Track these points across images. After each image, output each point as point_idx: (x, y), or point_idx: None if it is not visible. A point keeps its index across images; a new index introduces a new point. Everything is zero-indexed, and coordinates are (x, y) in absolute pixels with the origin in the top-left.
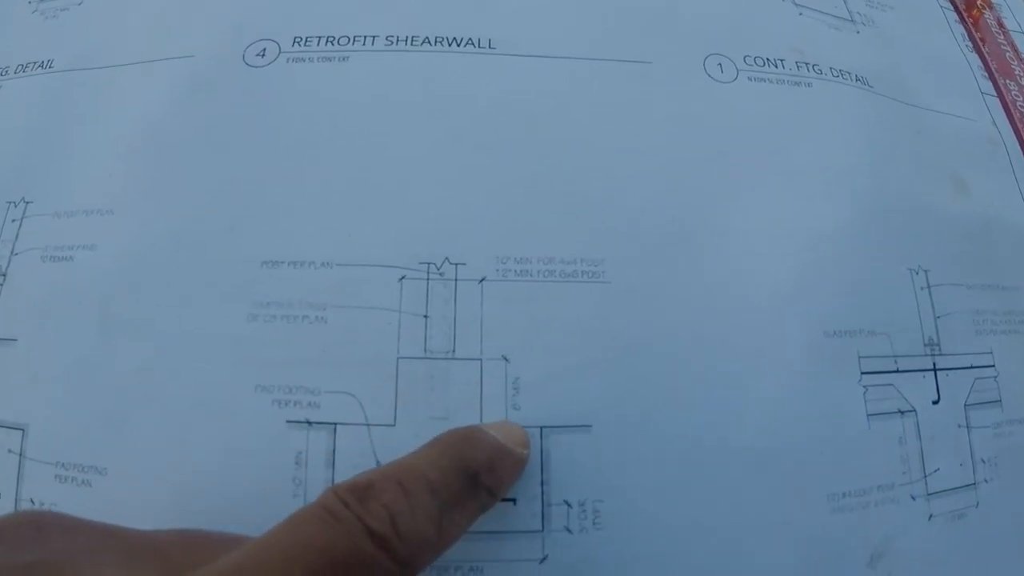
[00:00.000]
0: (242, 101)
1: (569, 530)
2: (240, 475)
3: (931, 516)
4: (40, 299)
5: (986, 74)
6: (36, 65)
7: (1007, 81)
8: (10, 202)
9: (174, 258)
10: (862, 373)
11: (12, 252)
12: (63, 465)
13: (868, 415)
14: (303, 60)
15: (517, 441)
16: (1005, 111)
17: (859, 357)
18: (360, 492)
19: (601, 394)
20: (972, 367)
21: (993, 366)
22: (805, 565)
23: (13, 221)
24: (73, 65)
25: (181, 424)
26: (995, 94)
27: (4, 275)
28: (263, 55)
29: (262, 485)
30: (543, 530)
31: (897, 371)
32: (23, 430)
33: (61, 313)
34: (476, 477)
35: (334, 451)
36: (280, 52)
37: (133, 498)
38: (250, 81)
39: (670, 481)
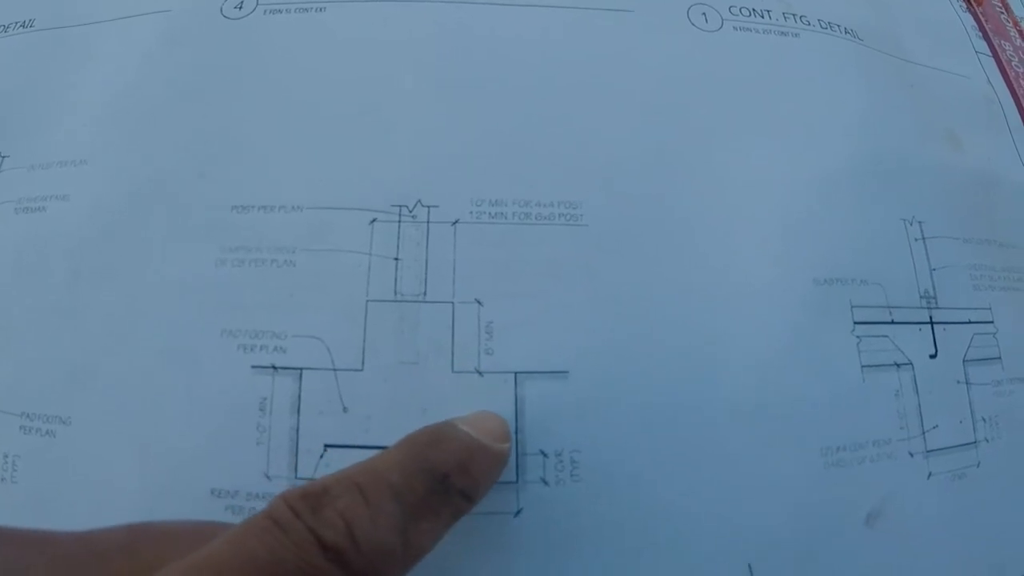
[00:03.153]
0: (218, 53)
1: (545, 482)
2: (204, 422)
3: (930, 475)
4: (12, 250)
5: (980, 33)
6: (18, 25)
7: (1001, 41)
8: None
9: (144, 205)
10: (855, 323)
11: None
12: (28, 416)
13: (862, 367)
14: (280, 11)
15: (494, 435)
16: (1000, 71)
17: (851, 307)
18: (313, 499)
19: (579, 340)
20: (970, 322)
21: (992, 322)
22: (798, 524)
23: None
24: (53, 23)
25: (146, 371)
26: (990, 54)
27: None
28: (240, 7)
29: (226, 432)
30: (517, 481)
31: (892, 322)
32: None
33: (32, 263)
34: (446, 479)
35: (300, 397)
36: (257, 4)
37: (97, 447)
38: (227, 33)
39: (652, 433)
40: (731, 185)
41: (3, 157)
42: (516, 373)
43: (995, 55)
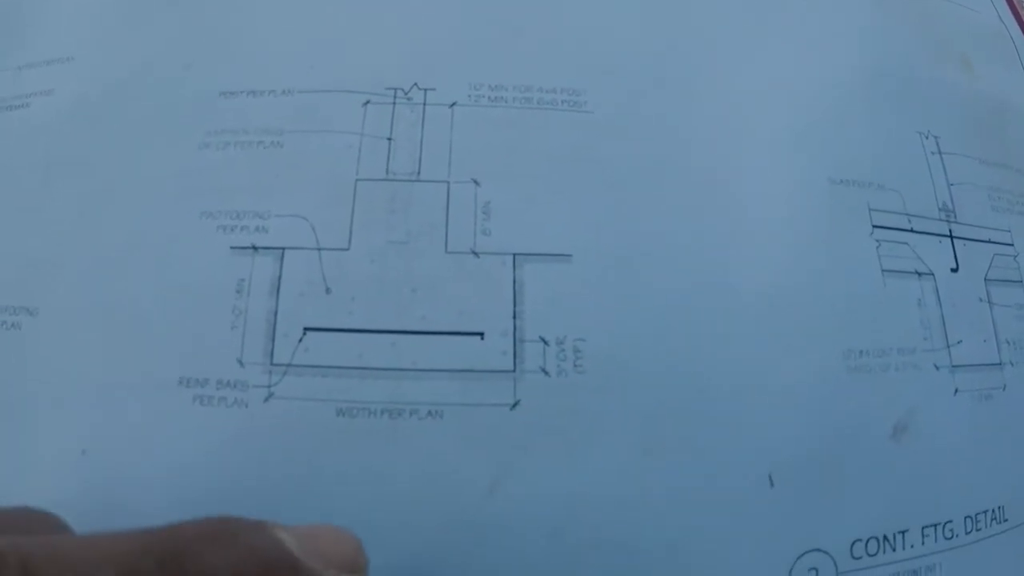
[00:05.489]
0: None
1: (546, 372)
2: (175, 308)
3: (957, 391)
4: None
5: None
6: None
7: None
8: None
9: (127, 96)
10: (874, 227)
11: None
12: None
13: (883, 271)
14: None
15: (332, 557)
16: (1012, 11)
17: (869, 209)
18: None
19: (584, 223)
20: (991, 242)
21: (1012, 245)
22: (821, 432)
23: None
24: None
25: (118, 258)
26: None
27: None
28: None
29: (198, 317)
30: (515, 370)
31: (911, 231)
32: None
33: (10, 160)
34: None
35: (280, 277)
36: None
37: (63, 338)
38: None
39: (663, 326)
40: (741, 82)
41: None
42: (515, 255)
43: None
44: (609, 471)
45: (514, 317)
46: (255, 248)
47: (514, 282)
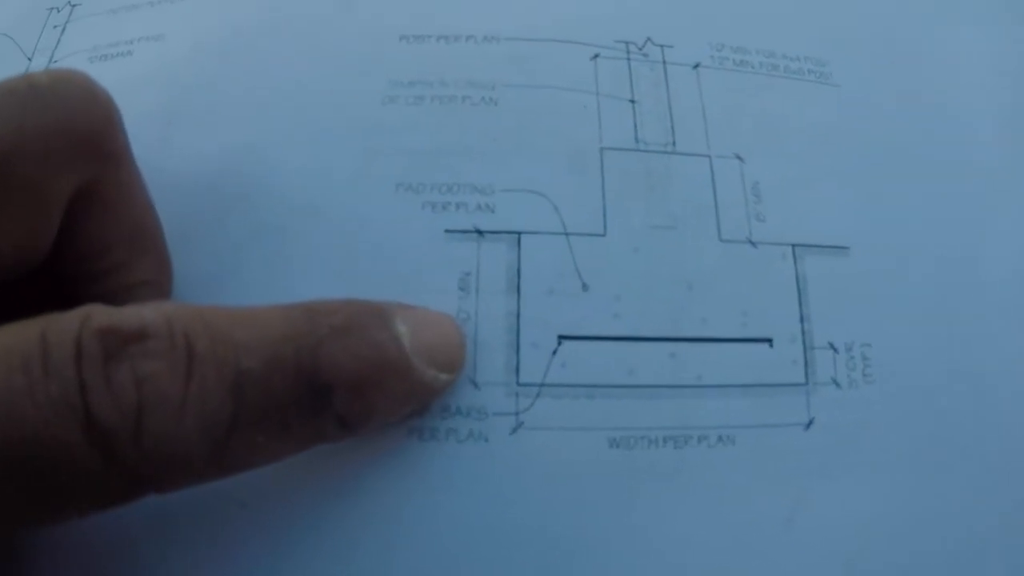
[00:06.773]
0: None
1: (837, 383)
2: None
3: None
4: None
5: None
6: None
7: None
8: (52, 8)
9: (268, 39)
10: None
11: (51, 60)
12: None
13: None
14: None
15: (436, 356)
16: None
17: None
18: (115, 340)
19: (856, 210)
20: None
21: None
22: None
23: (55, 27)
24: None
25: (281, 228)
26: None
27: None
28: None
29: None
30: (807, 383)
31: None
32: None
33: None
34: (325, 394)
35: (519, 270)
36: None
37: None
38: None
39: (934, 326)
40: (965, 68)
41: (72, 6)
42: (794, 246)
43: None
44: (902, 492)
45: (801, 320)
46: (480, 232)
47: (797, 278)
